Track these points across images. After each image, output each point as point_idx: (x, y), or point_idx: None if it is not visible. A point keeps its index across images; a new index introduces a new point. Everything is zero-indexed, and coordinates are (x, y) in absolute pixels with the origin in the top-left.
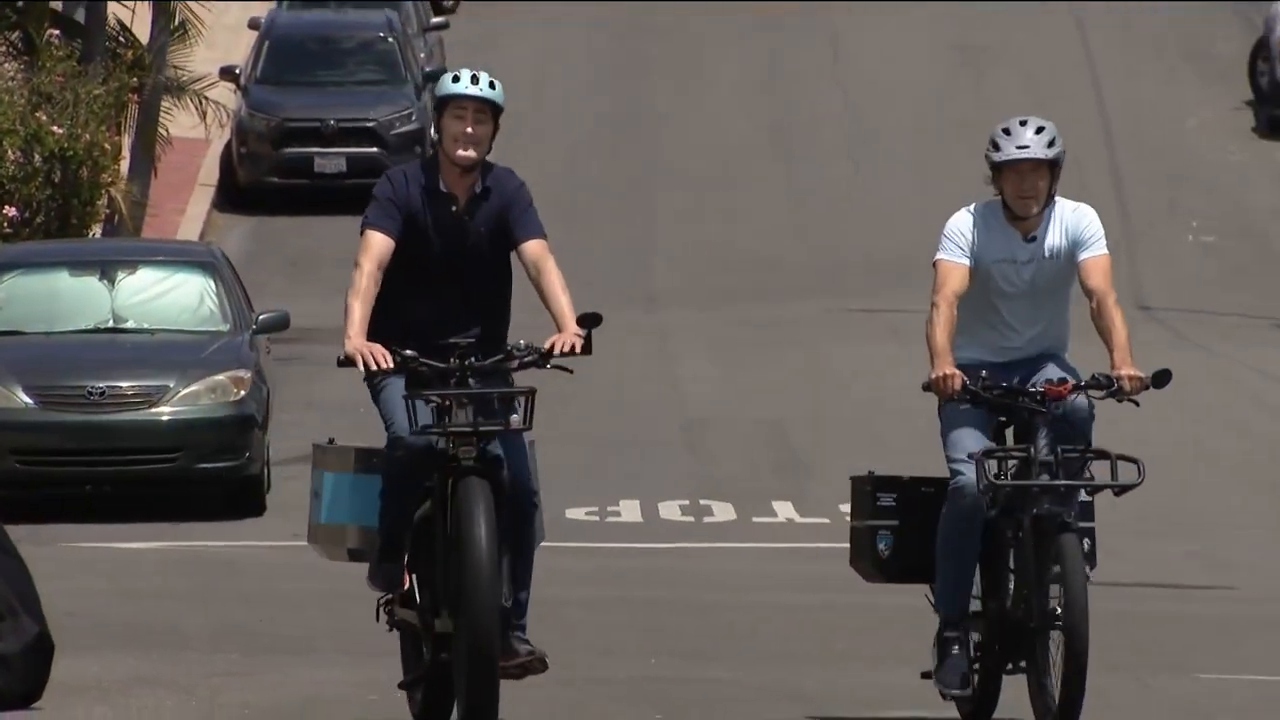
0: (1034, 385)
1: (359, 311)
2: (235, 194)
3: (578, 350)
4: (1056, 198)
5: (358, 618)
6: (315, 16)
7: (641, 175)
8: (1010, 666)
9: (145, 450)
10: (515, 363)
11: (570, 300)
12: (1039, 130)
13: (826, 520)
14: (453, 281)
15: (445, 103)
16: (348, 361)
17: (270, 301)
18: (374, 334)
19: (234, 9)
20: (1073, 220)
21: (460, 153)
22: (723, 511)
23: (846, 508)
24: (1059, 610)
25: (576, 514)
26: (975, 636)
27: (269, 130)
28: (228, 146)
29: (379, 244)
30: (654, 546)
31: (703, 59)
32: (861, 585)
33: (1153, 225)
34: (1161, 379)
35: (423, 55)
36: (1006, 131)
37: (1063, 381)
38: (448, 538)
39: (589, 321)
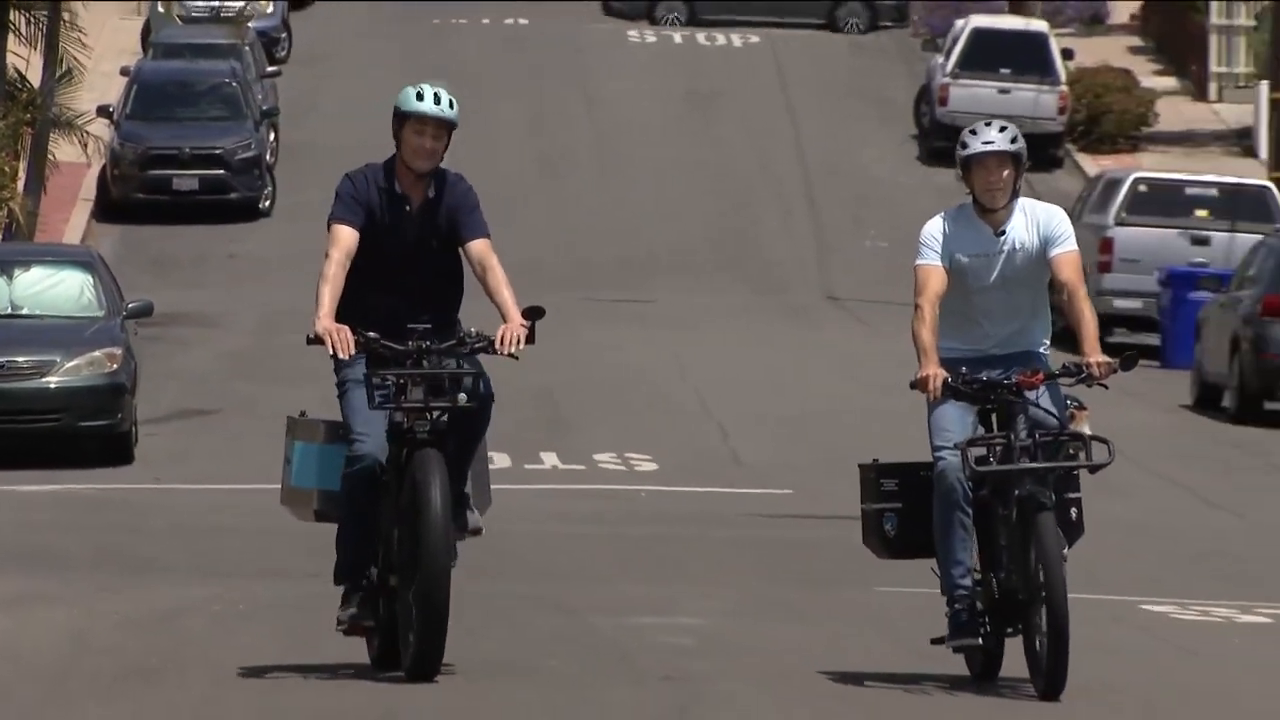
0: (1008, 377)
1: (328, 296)
2: (109, 208)
3: (523, 339)
4: (1026, 198)
5: (206, 546)
6: (174, 65)
7: None
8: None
9: (37, 411)
10: (467, 348)
11: (513, 294)
12: (1002, 129)
13: (583, 467)
14: (407, 274)
15: (406, 117)
16: (316, 340)
17: (137, 293)
18: (338, 318)
19: (109, 58)
20: (1044, 218)
21: (418, 164)
22: (500, 460)
23: (600, 456)
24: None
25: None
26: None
27: (136, 156)
28: (103, 169)
29: (346, 236)
30: None
31: (486, 107)
32: (610, 517)
33: (839, 234)
34: (1129, 362)
35: (260, 96)
36: (974, 131)
37: (1035, 372)
38: (401, 503)
39: (533, 314)
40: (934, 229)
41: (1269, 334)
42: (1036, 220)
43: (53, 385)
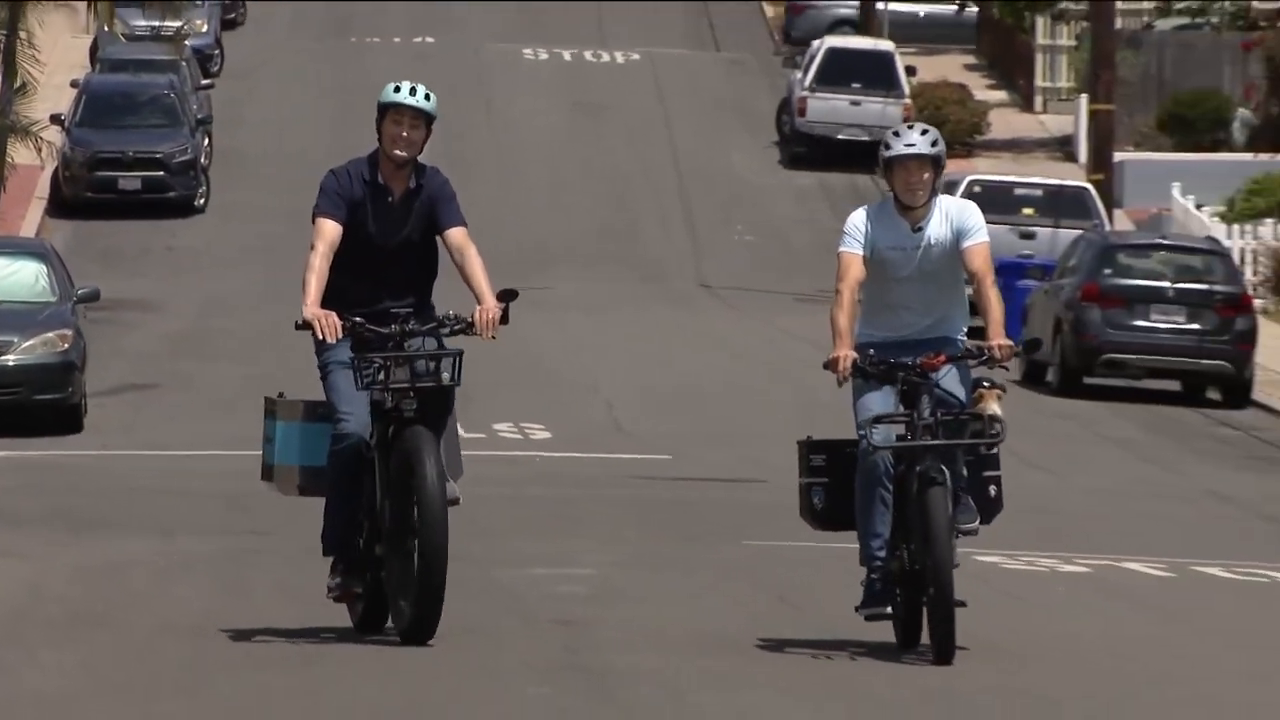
0: (914, 360)
1: (314, 285)
2: (61, 205)
3: (497, 321)
4: (943, 196)
5: (148, 506)
6: (119, 78)
7: None
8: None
9: None
10: (447, 329)
11: (489, 279)
12: (924, 133)
13: (483, 435)
14: (390, 261)
15: (386, 109)
16: (305, 326)
17: (86, 281)
18: (324, 302)
19: (61, 72)
20: (956, 213)
21: (397, 152)
22: None
23: (499, 426)
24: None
25: None
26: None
27: (85, 160)
28: (56, 171)
29: (330, 229)
30: None
31: None
32: (508, 480)
33: (711, 230)
34: (1031, 347)
35: (195, 106)
36: (896, 134)
37: (937, 354)
38: (389, 478)
39: (507, 296)
40: (857, 220)
41: (1087, 318)
42: (950, 215)
43: (10, 363)
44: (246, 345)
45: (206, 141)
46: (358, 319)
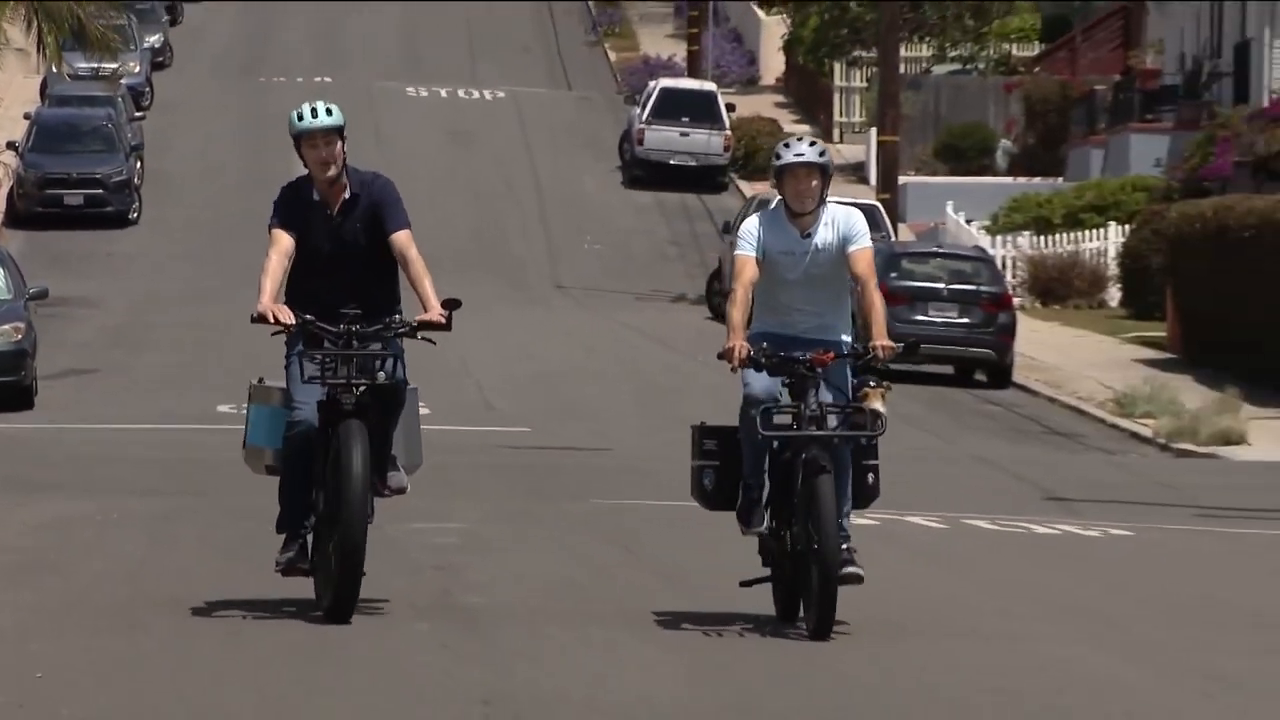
0: (805, 355)
1: (268, 285)
2: (16, 218)
3: (441, 326)
4: (832, 203)
5: (92, 470)
6: (65, 111)
7: (265, 203)
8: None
9: None
10: (391, 332)
11: (432, 282)
12: (812, 143)
13: None
14: (337, 266)
15: (299, 138)
16: (260, 319)
17: (37, 281)
18: (289, 303)
19: (16, 106)
20: (843, 220)
21: (322, 174)
22: None
23: None
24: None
25: (223, 406)
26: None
27: (36, 179)
28: (11, 189)
29: (281, 239)
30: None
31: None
32: None
33: (565, 240)
34: (912, 349)
35: (129, 135)
36: (787, 145)
37: (826, 351)
38: (328, 463)
39: (451, 305)
40: (751, 225)
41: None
42: (837, 222)
43: None
44: (173, 337)
45: (139, 165)
46: (308, 316)
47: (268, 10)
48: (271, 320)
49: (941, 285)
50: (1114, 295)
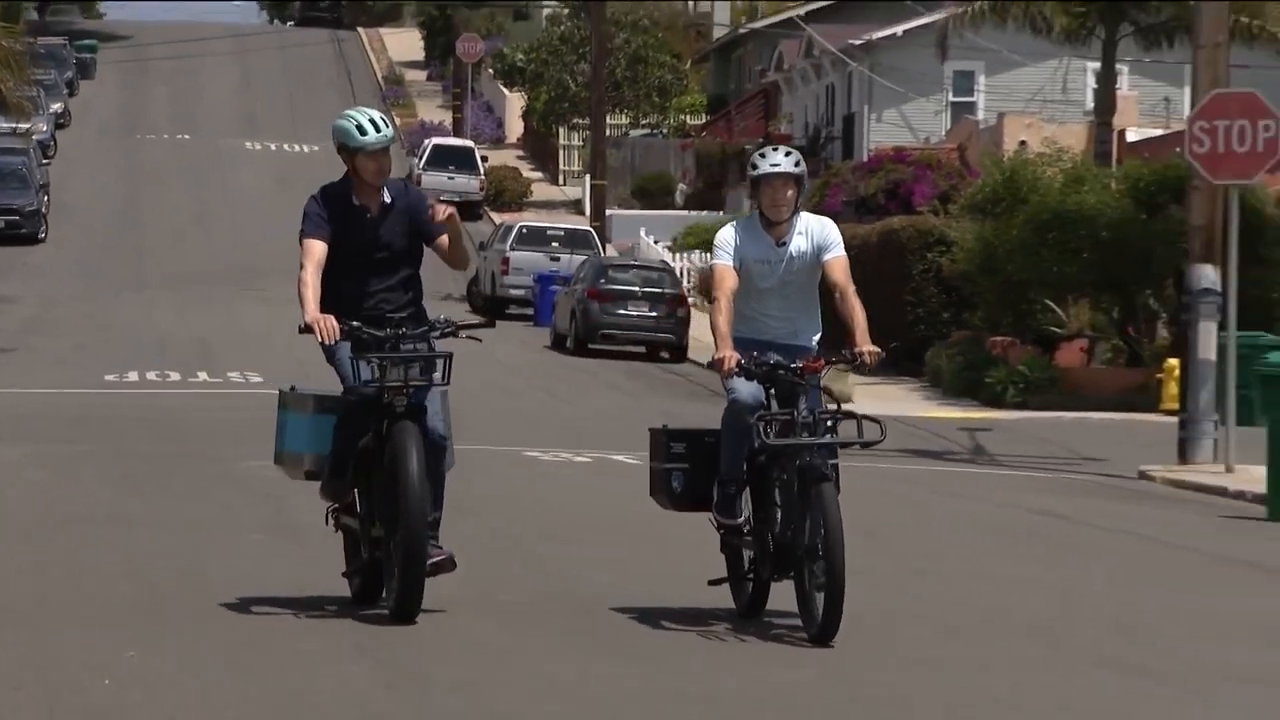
0: (794, 362)
1: (310, 295)
2: None
3: (483, 324)
4: (805, 213)
5: (14, 425)
6: None
7: (140, 227)
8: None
9: None
10: (437, 333)
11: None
12: (788, 154)
13: (220, 379)
14: (377, 271)
15: (356, 151)
16: (307, 329)
17: None
18: (327, 308)
19: None
20: (817, 229)
21: (376, 183)
22: (173, 376)
23: (231, 374)
24: (820, 544)
25: (109, 375)
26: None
27: None
28: None
29: (316, 249)
30: (153, 392)
31: (166, 185)
32: (235, 406)
33: None
34: (895, 354)
35: (39, 176)
36: (763, 155)
37: (816, 358)
38: (384, 466)
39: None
40: (727, 235)
41: (591, 308)
42: (811, 231)
43: None
44: (72, 327)
45: (46, 198)
46: (355, 323)
47: (139, 84)
48: (319, 332)
49: (637, 288)
50: None
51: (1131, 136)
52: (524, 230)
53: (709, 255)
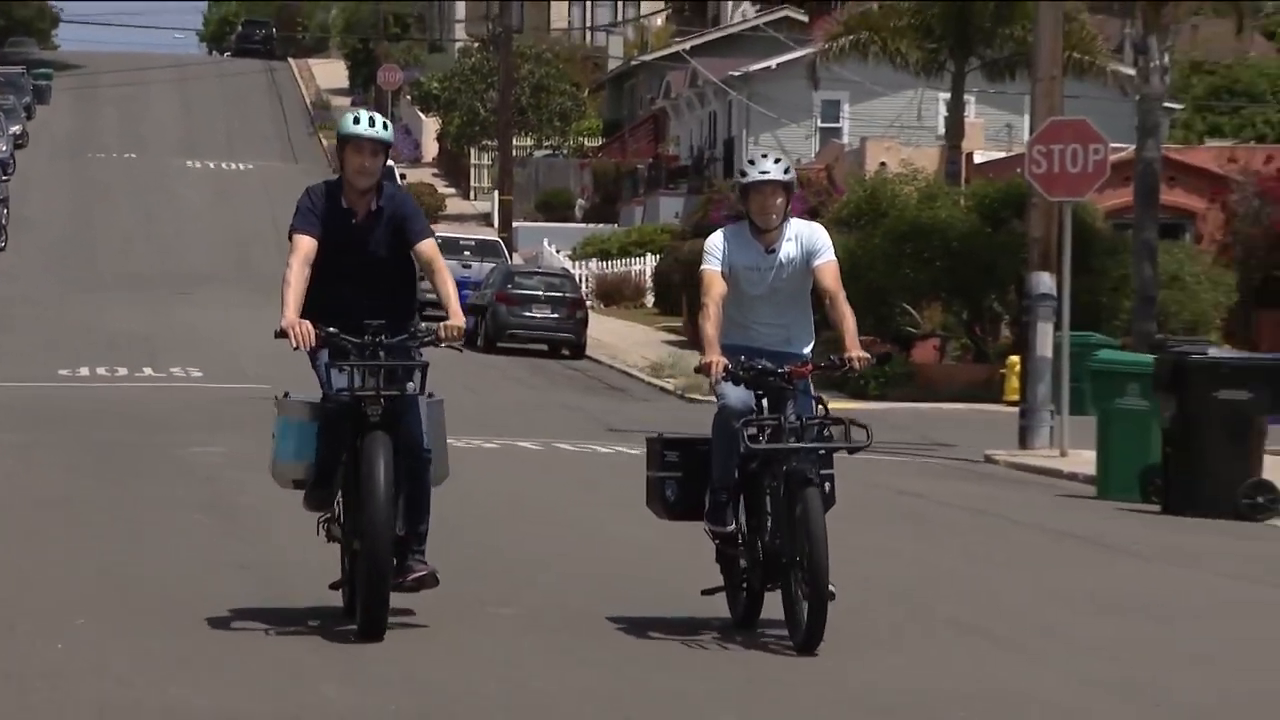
0: (782, 368)
1: (292, 296)
2: None
3: (462, 334)
4: (794, 219)
5: None
6: None
7: (92, 237)
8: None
9: None
10: (417, 342)
11: (456, 291)
12: (777, 160)
13: (164, 374)
14: (360, 275)
15: (346, 140)
16: (282, 334)
17: None
18: (307, 311)
19: None
20: (807, 235)
21: (359, 181)
22: (120, 370)
23: (174, 369)
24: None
25: (62, 370)
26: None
27: None
28: None
29: (304, 244)
30: (103, 386)
31: (116, 195)
32: (181, 398)
33: None
34: (883, 360)
35: (1, 191)
36: (752, 162)
37: (804, 364)
38: (353, 476)
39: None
40: (716, 240)
41: (499, 310)
42: (801, 237)
43: None
44: (35, 322)
45: (6, 211)
46: (331, 329)
47: (91, 109)
48: (293, 338)
49: (540, 292)
50: (650, 300)
51: (978, 158)
52: (439, 240)
53: (605, 264)
